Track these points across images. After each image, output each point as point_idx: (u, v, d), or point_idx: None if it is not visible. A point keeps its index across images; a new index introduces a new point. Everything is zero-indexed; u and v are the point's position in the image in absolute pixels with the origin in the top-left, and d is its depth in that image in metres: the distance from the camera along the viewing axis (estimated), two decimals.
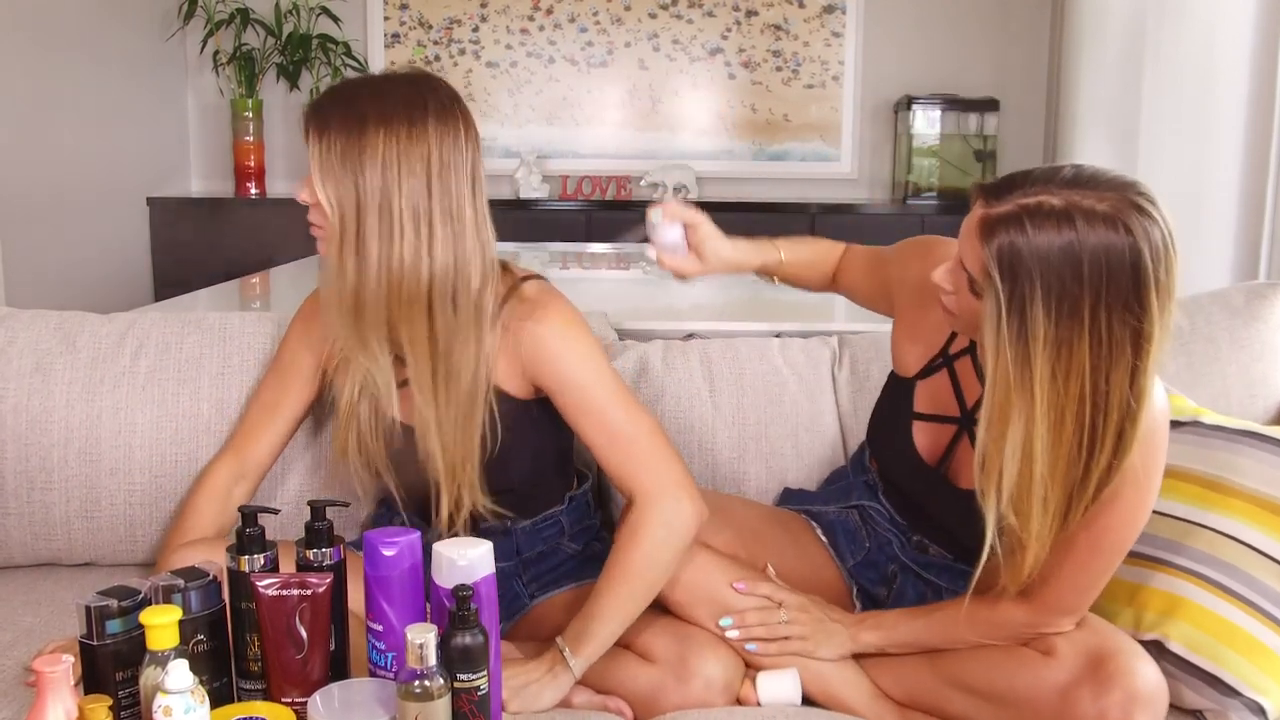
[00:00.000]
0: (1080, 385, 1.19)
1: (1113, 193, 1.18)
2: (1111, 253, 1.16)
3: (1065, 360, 1.18)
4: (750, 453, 1.81)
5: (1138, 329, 1.18)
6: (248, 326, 1.82)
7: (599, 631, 1.37)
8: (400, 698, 1.10)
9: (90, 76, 4.12)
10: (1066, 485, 1.24)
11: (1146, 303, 1.17)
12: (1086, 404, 1.20)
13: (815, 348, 1.88)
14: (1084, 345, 1.18)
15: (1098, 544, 1.31)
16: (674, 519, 1.41)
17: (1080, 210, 1.16)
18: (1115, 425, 1.21)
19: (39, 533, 1.74)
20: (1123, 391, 1.19)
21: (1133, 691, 1.25)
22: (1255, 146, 2.86)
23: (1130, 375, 1.19)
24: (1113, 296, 1.16)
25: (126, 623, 1.20)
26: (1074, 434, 1.21)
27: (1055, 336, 1.18)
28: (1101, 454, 1.22)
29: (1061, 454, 1.22)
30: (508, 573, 1.60)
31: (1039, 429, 1.21)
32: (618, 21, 4.87)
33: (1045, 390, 1.19)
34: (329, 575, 1.24)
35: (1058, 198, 1.18)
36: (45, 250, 3.87)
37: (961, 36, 4.84)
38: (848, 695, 1.44)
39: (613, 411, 1.43)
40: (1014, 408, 1.21)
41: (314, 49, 4.69)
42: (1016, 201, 1.19)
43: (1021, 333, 1.18)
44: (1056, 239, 1.16)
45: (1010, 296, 1.18)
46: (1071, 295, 1.16)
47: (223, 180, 4.93)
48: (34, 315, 1.82)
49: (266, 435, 1.62)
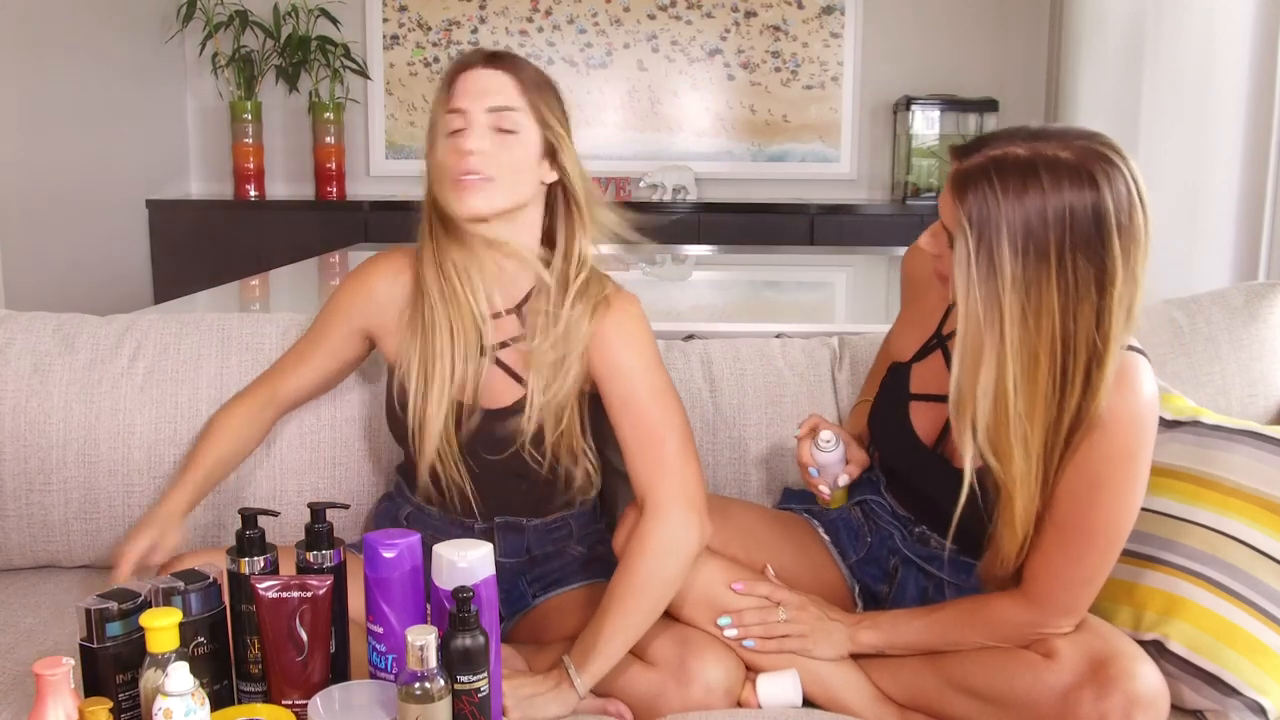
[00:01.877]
0: (1051, 325, 1.24)
1: (1078, 142, 1.24)
2: (1075, 196, 1.21)
3: (1035, 300, 1.23)
4: (751, 454, 1.81)
5: (1101, 270, 1.23)
6: (247, 328, 1.82)
7: (605, 648, 1.37)
8: (401, 700, 1.10)
9: (89, 79, 4.12)
10: (1044, 425, 1.28)
11: (1109, 245, 1.22)
12: (1058, 344, 1.25)
13: (816, 348, 1.88)
14: (1052, 286, 1.23)
15: (1089, 534, 1.31)
16: (682, 534, 1.41)
17: (1045, 158, 1.22)
18: (1083, 366, 1.25)
19: (38, 534, 1.74)
20: (1089, 332, 1.24)
21: (1134, 694, 1.25)
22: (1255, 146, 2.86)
23: (1096, 316, 1.24)
24: (1077, 238, 1.22)
25: (127, 625, 1.20)
26: (1048, 373, 1.26)
27: (1023, 276, 1.23)
28: (1072, 395, 1.27)
29: (1038, 394, 1.26)
30: (514, 569, 1.61)
31: (1010, 368, 1.25)
32: (616, 23, 4.87)
33: (1015, 329, 1.24)
34: (329, 577, 1.24)
35: (1023, 148, 1.24)
36: (45, 252, 3.87)
37: (960, 37, 4.84)
38: (848, 698, 1.44)
39: (652, 411, 1.46)
40: (985, 346, 1.26)
41: (313, 51, 4.69)
42: (985, 154, 1.25)
43: (990, 273, 1.24)
44: (1022, 184, 1.22)
45: (979, 240, 1.23)
46: (1038, 237, 1.22)
47: (222, 182, 4.93)
48: (33, 317, 1.82)
49: (305, 369, 1.64)
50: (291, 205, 4.74)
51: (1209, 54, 3.15)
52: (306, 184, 4.89)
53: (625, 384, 1.48)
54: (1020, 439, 1.28)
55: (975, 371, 1.27)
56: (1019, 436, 1.27)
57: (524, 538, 1.60)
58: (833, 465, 1.53)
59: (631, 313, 1.52)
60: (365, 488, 1.79)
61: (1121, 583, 1.50)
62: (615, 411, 1.48)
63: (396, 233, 4.40)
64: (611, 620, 1.38)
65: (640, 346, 1.50)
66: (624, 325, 1.50)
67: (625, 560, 1.42)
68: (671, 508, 1.42)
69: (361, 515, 1.79)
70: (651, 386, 1.48)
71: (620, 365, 1.48)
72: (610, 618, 1.38)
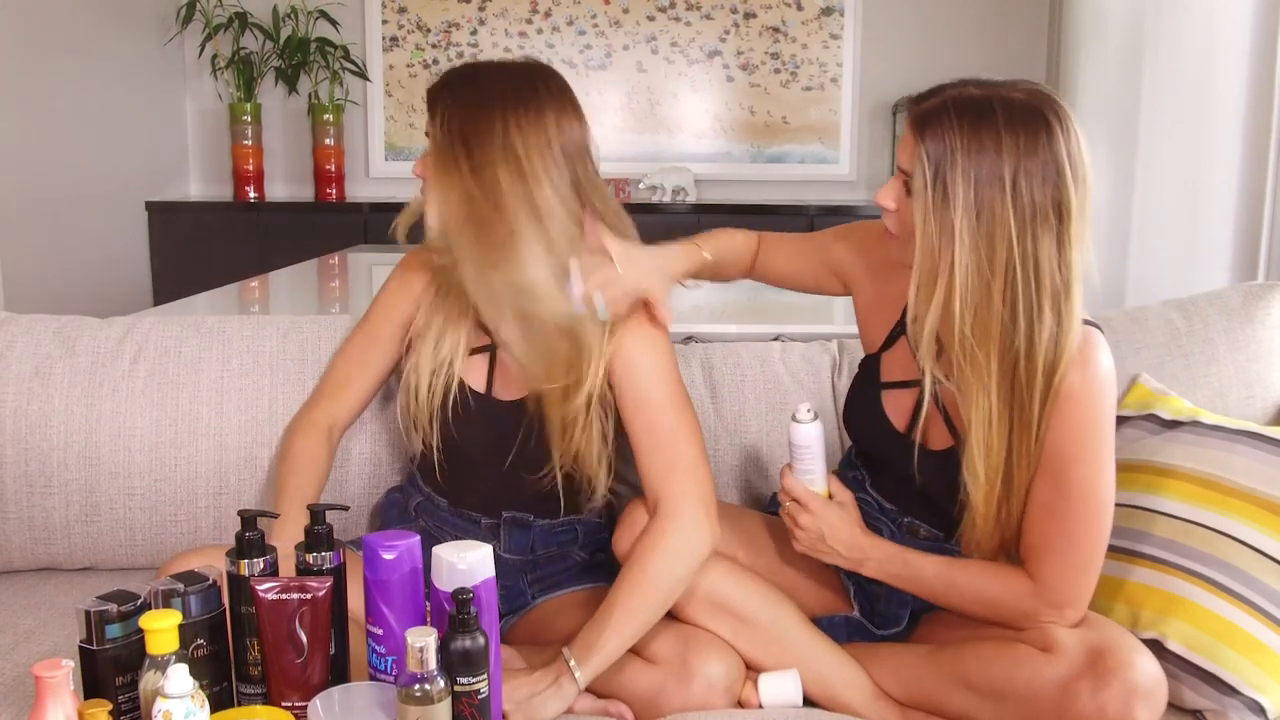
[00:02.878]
0: (1007, 251, 1.29)
1: (1027, 87, 1.33)
2: (1028, 127, 1.28)
3: (987, 224, 1.29)
4: (751, 459, 1.81)
5: (1058, 197, 1.29)
6: (247, 330, 1.82)
7: (608, 642, 1.37)
8: (400, 701, 1.10)
9: (89, 81, 4.12)
10: (1000, 351, 1.31)
11: (1063, 174, 1.29)
12: (1015, 270, 1.29)
13: (815, 353, 1.88)
14: (1006, 209, 1.28)
15: (1078, 509, 1.35)
16: (694, 535, 1.43)
17: (999, 96, 1.31)
18: (1050, 294, 1.30)
19: (38, 537, 1.74)
20: (1050, 259, 1.29)
21: (1132, 685, 1.26)
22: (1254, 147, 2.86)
23: (1056, 244, 1.30)
24: (1031, 165, 1.28)
25: (126, 627, 1.20)
26: (1002, 296, 1.30)
27: (975, 199, 1.28)
28: (1041, 325, 1.30)
29: (991, 317, 1.31)
30: (517, 567, 1.61)
31: (957, 289, 1.30)
32: (616, 24, 4.87)
33: (966, 254, 1.29)
34: (329, 579, 1.24)
35: (978, 90, 1.32)
36: (44, 255, 3.87)
37: (960, 38, 4.85)
38: (849, 696, 1.44)
39: (667, 414, 1.48)
40: (939, 269, 1.31)
41: (312, 52, 4.70)
42: (941, 95, 1.34)
43: (944, 201, 1.30)
44: (978, 116, 1.29)
45: (935, 171, 1.30)
46: (990, 163, 1.28)
47: (221, 184, 4.93)
48: (33, 320, 1.82)
49: (354, 387, 1.65)
50: (291, 207, 4.75)
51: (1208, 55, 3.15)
52: (306, 186, 4.89)
53: (642, 386, 1.49)
54: (970, 361, 1.32)
55: (930, 293, 1.32)
56: (969, 358, 1.32)
57: (529, 535, 1.61)
58: (814, 443, 1.49)
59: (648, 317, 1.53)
60: (365, 490, 1.79)
61: (1120, 581, 1.50)
62: (630, 413, 1.50)
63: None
64: (617, 616, 1.38)
65: (659, 351, 1.52)
66: (644, 330, 1.51)
67: (635, 557, 1.42)
68: (686, 509, 1.43)
69: (365, 512, 1.79)
70: (668, 391, 1.50)
71: (639, 368, 1.50)
72: (616, 613, 1.38)
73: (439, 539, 1.59)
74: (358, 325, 1.68)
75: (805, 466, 1.50)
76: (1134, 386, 1.72)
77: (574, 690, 1.36)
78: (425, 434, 1.56)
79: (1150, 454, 1.60)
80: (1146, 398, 1.69)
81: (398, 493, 1.71)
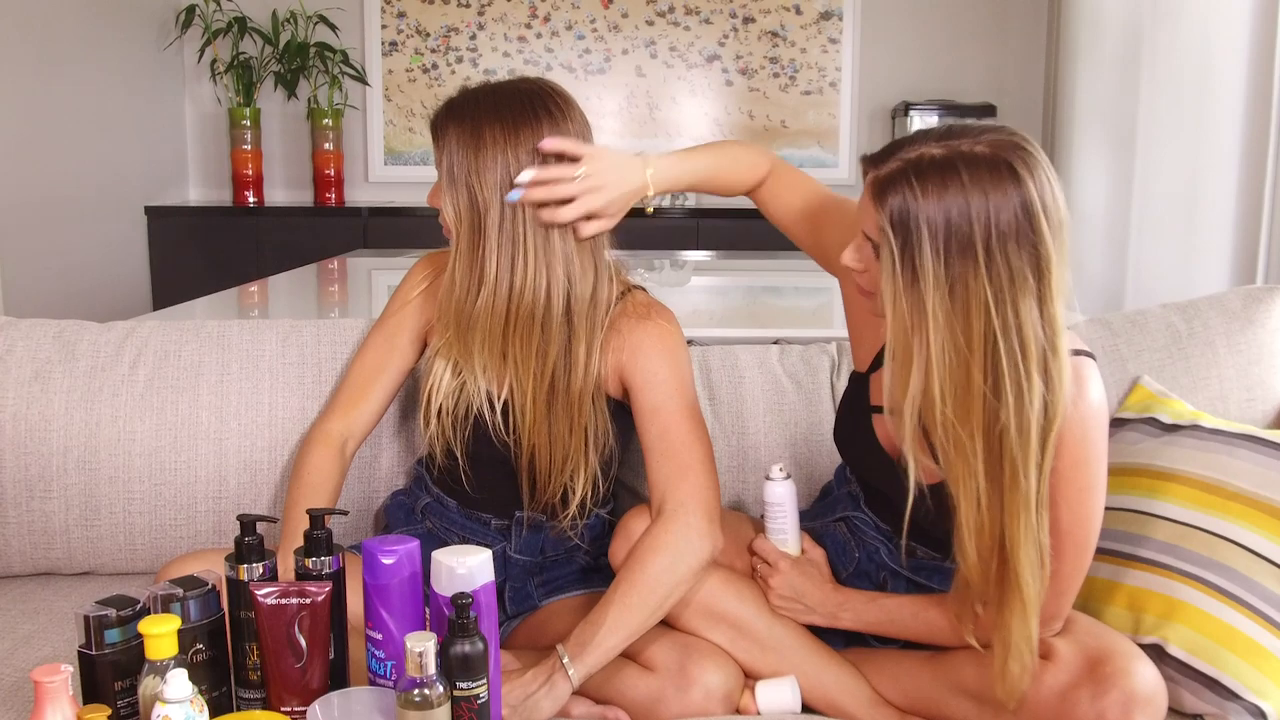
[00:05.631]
0: (984, 323, 1.20)
1: (988, 136, 1.23)
2: (997, 186, 1.19)
3: (961, 298, 1.20)
4: (749, 463, 1.80)
5: (1035, 256, 1.20)
6: (246, 334, 1.82)
7: (603, 641, 1.37)
8: (400, 706, 1.10)
9: (88, 86, 4.13)
10: (986, 430, 1.24)
11: (1039, 230, 1.19)
12: (997, 342, 1.20)
13: (814, 356, 1.88)
14: (981, 280, 1.19)
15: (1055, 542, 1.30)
16: (697, 538, 1.43)
17: (961, 154, 1.20)
18: (1037, 359, 1.21)
19: (38, 541, 1.74)
20: (1034, 323, 1.21)
21: (1131, 692, 1.25)
22: (1252, 150, 2.86)
23: (1039, 305, 1.21)
24: (1004, 228, 1.19)
25: (125, 632, 1.20)
26: (984, 373, 1.22)
27: (946, 276, 1.20)
28: (1031, 395, 1.21)
29: (973, 398, 1.22)
30: (526, 568, 1.61)
31: (936, 374, 1.22)
32: (615, 29, 4.88)
33: (941, 333, 1.21)
34: (328, 584, 1.24)
35: (938, 148, 1.22)
36: (44, 259, 3.87)
37: (958, 42, 4.85)
38: (847, 703, 1.44)
39: (679, 420, 1.49)
40: (913, 353, 1.23)
41: (311, 57, 4.70)
42: (901, 158, 1.23)
43: (914, 278, 1.21)
44: (942, 182, 1.19)
45: (903, 246, 1.21)
46: (960, 233, 1.19)
47: (220, 189, 4.94)
48: (32, 324, 1.82)
49: (372, 397, 1.64)
50: (290, 211, 4.75)
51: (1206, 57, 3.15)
52: (305, 190, 4.89)
53: (660, 393, 1.49)
54: (954, 444, 1.25)
55: (905, 380, 1.25)
56: (953, 442, 1.25)
57: (540, 537, 1.60)
58: (787, 502, 1.51)
59: (670, 328, 1.54)
60: (365, 494, 1.79)
61: (1121, 586, 1.50)
62: (644, 418, 1.50)
63: (395, 239, 4.41)
64: (614, 614, 1.38)
65: (678, 361, 1.52)
66: (665, 338, 1.52)
67: (636, 556, 1.42)
68: (690, 512, 1.43)
69: (365, 516, 1.79)
70: (683, 400, 1.51)
71: (656, 374, 1.50)
72: (613, 611, 1.38)
73: (446, 541, 1.59)
74: (375, 328, 1.66)
75: (778, 525, 1.52)
76: (1135, 388, 1.72)
77: (568, 688, 1.35)
78: (450, 444, 1.55)
79: (1151, 458, 1.60)
80: (1147, 400, 1.69)
81: (403, 495, 1.71)
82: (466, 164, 1.44)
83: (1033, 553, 1.26)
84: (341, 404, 1.65)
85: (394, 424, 1.79)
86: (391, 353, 1.63)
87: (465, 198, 1.45)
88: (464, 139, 1.45)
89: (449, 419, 1.53)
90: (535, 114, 1.45)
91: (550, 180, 1.43)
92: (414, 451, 1.79)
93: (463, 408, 1.53)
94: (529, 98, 1.47)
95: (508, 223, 1.44)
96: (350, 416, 1.63)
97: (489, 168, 1.43)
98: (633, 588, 1.39)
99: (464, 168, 1.44)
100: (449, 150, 1.45)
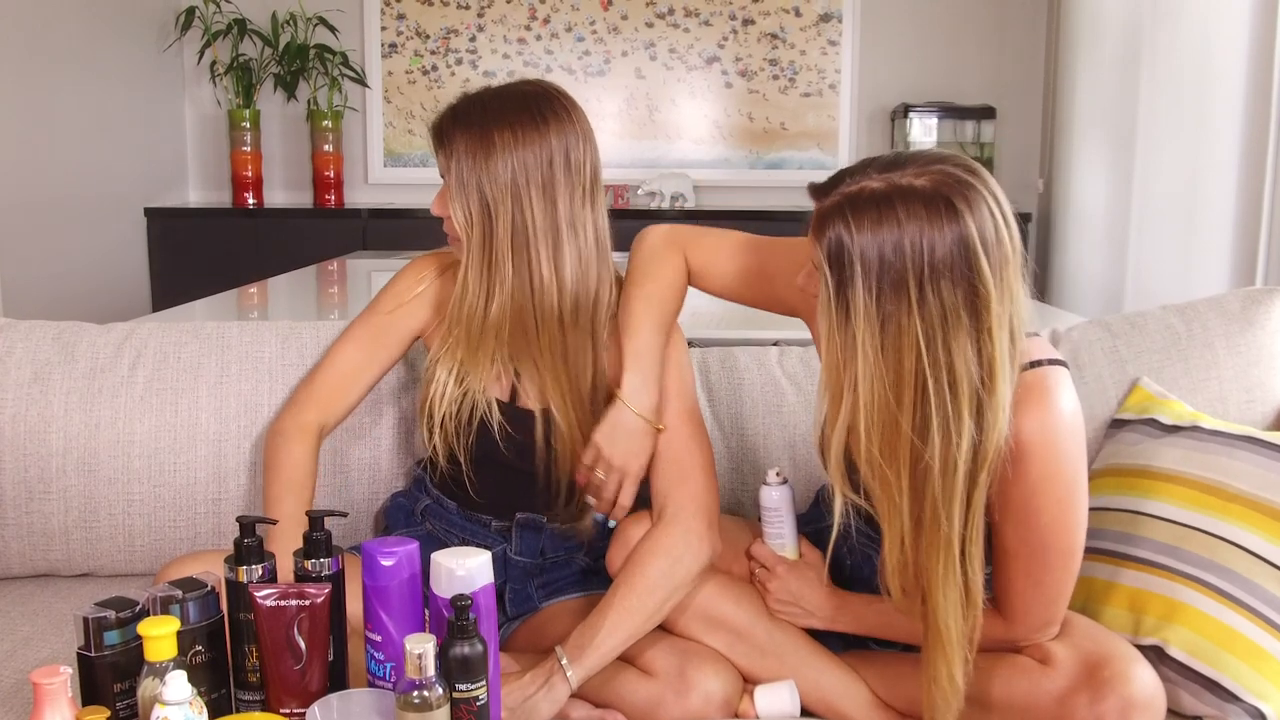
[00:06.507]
0: (915, 361, 1.18)
1: (933, 166, 1.20)
2: (933, 222, 1.16)
3: (893, 335, 1.18)
4: (748, 465, 1.80)
5: (972, 294, 1.17)
6: (246, 336, 1.82)
7: (602, 644, 1.37)
8: (399, 708, 1.10)
9: (88, 87, 4.13)
10: (911, 471, 1.23)
11: (978, 267, 1.17)
12: (927, 381, 1.18)
13: (813, 357, 1.88)
14: (913, 318, 1.17)
15: (1041, 557, 1.31)
16: (696, 542, 1.43)
17: (899, 189, 1.18)
18: (969, 398, 1.19)
19: (37, 543, 1.74)
20: (967, 361, 1.18)
21: (1129, 696, 1.25)
22: (1252, 151, 2.86)
23: (975, 343, 1.19)
24: (939, 265, 1.16)
25: (124, 634, 1.20)
26: (912, 414, 1.20)
27: (878, 312, 1.18)
28: (960, 437, 1.19)
29: (899, 438, 1.21)
30: (526, 570, 1.61)
31: (862, 408, 1.21)
32: (614, 31, 4.88)
33: (871, 368, 1.19)
34: (327, 586, 1.24)
35: (878, 181, 1.20)
36: (43, 261, 3.87)
37: (958, 44, 4.86)
38: (846, 706, 1.44)
39: (684, 429, 1.50)
40: (843, 388, 1.22)
41: (311, 59, 4.71)
42: (841, 192, 1.21)
43: (847, 314, 1.20)
44: (878, 217, 1.17)
45: (837, 281, 1.19)
46: (893, 271, 1.17)
47: (220, 190, 4.94)
48: (32, 325, 1.82)
49: (353, 393, 1.62)
50: (290, 213, 4.75)
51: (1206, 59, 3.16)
52: (305, 192, 4.89)
53: (662, 400, 1.49)
54: (880, 481, 1.24)
55: (835, 415, 1.24)
56: (878, 479, 1.24)
57: (541, 538, 1.60)
58: (783, 506, 1.51)
59: (675, 336, 1.54)
60: (365, 495, 1.79)
61: (1120, 586, 1.50)
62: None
63: (395, 240, 4.41)
64: (613, 617, 1.38)
65: (681, 368, 1.53)
66: (671, 346, 1.52)
67: (635, 560, 1.42)
68: (691, 516, 1.44)
69: (365, 518, 1.79)
70: (683, 404, 1.51)
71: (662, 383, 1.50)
72: (612, 614, 1.38)
73: (446, 542, 1.59)
74: (360, 324, 1.63)
75: (774, 530, 1.52)
76: (1134, 390, 1.72)
77: (566, 690, 1.35)
78: (453, 449, 1.55)
79: (1150, 459, 1.60)
80: (1147, 401, 1.69)
81: (403, 496, 1.71)
82: (477, 169, 1.44)
83: (953, 594, 1.25)
84: (320, 398, 1.61)
85: (394, 426, 1.79)
86: (378, 351, 1.62)
87: (476, 203, 1.45)
88: (473, 145, 1.45)
89: (452, 424, 1.53)
90: (543, 116, 1.46)
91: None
92: (414, 453, 1.79)
93: (466, 413, 1.53)
94: (535, 100, 1.47)
95: (519, 226, 1.45)
96: (327, 411, 1.61)
97: (499, 172, 1.44)
98: (631, 591, 1.39)
99: (474, 173, 1.45)
100: (457, 157, 1.45)
